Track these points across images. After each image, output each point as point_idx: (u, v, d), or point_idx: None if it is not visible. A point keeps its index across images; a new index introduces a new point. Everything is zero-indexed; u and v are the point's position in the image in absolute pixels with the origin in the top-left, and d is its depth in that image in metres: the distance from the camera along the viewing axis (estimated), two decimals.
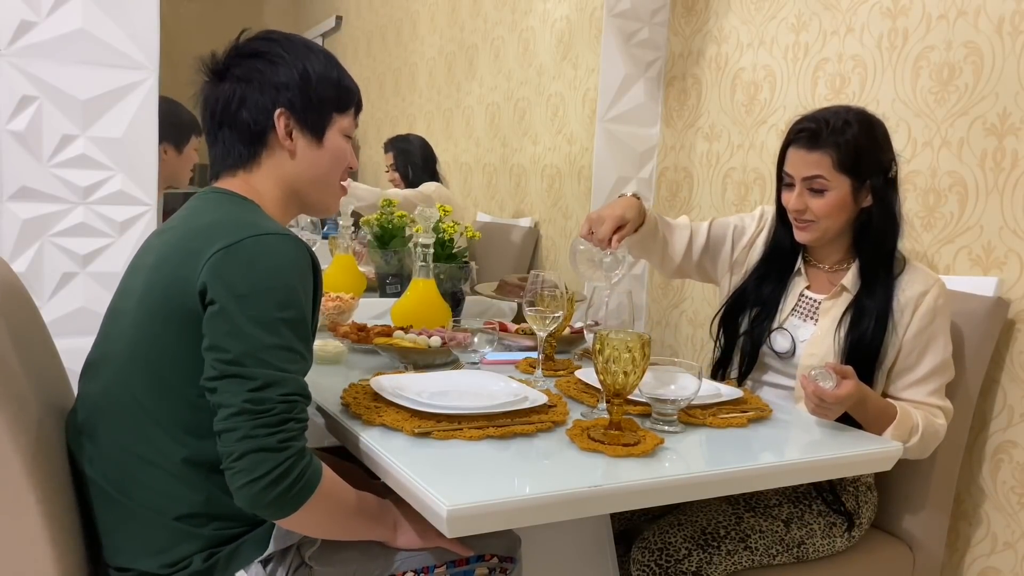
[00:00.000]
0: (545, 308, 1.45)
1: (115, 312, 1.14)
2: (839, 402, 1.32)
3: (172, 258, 1.07)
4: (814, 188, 1.48)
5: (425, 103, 4.47)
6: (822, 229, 1.50)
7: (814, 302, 1.57)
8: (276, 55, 1.17)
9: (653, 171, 2.74)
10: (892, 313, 1.47)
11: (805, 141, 1.47)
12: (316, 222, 2.69)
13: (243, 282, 1.01)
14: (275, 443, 0.97)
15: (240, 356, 0.98)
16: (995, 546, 1.70)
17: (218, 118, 1.18)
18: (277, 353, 1.00)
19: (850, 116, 1.47)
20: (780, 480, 1.23)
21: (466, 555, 1.19)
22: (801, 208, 1.50)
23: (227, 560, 1.08)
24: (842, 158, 1.44)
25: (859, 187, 1.47)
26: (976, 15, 1.74)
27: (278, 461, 0.97)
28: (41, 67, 1.54)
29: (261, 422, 0.97)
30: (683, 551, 1.38)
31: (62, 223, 1.59)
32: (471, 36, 3.94)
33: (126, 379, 1.08)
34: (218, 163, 1.21)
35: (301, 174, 1.20)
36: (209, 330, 1.01)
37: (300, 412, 1.01)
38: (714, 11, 2.49)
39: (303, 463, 0.99)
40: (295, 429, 0.99)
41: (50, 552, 1.01)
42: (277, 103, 1.16)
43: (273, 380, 0.99)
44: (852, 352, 1.47)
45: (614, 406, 1.18)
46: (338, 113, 1.22)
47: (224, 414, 0.98)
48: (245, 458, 0.96)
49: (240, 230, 1.04)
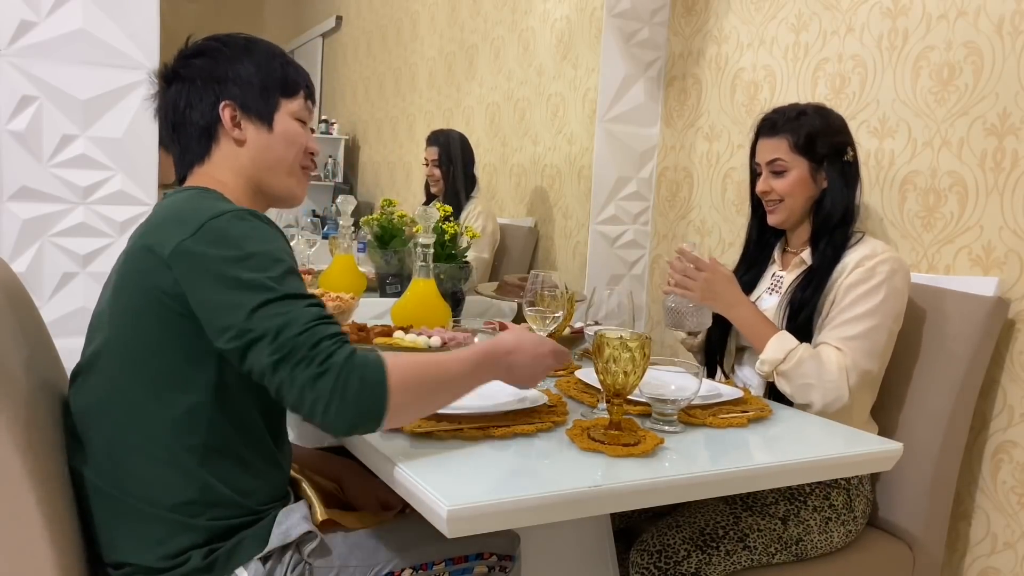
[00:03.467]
0: (545, 308, 1.45)
1: (95, 316, 1.16)
2: (707, 270, 1.53)
3: (137, 254, 1.08)
4: (775, 170, 1.63)
5: (425, 103, 4.47)
6: (788, 209, 1.64)
7: (781, 278, 1.69)
8: (216, 51, 1.20)
9: (653, 171, 2.74)
10: (832, 274, 1.55)
11: (767, 130, 1.65)
12: (316, 222, 2.69)
13: (214, 260, 1.02)
14: (317, 370, 0.97)
15: (242, 326, 0.99)
16: (995, 546, 1.70)
17: (170, 121, 1.21)
18: (272, 305, 1.00)
19: (807, 107, 1.64)
20: (780, 480, 1.23)
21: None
22: (767, 190, 1.65)
23: (226, 557, 1.08)
24: (797, 140, 1.60)
25: (816, 168, 1.61)
26: (976, 15, 1.74)
27: (332, 382, 0.97)
28: (41, 67, 1.54)
29: (294, 363, 0.97)
30: (682, 553, 1.38)
31: (62, 223, 1.59)
32: (471, 36, 3.94)
33: (112, 373, 1.09)
34: (179, 165, 1.24)
35: (256, 160, 1.21)
36: (205, 319, 1.02)
37: (326, 333, 1.00)
38: (714, 11, 2.49)
39: (356, 367, 0.99)
40: (329, 347, 0.99)
41: (50, 553, 1.01)
42: (221, 96, 1.18)
43: (281, 325, 0.99)
44: (792, 312, 1.57)
45: (614, 406, 1.18)
46: (285, 97, 1.22)
47: (267, 380, 0.99)
48: (306, 399, 0.97)
49: (198, 216, 1.05)
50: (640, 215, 2.75)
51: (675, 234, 2.67)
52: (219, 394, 1.07)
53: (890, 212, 1.91)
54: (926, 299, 1.67)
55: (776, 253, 1.74)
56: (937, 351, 1.63)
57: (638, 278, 2.77)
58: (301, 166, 1.26)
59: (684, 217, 2.63)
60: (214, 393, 1.07)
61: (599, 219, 2.68)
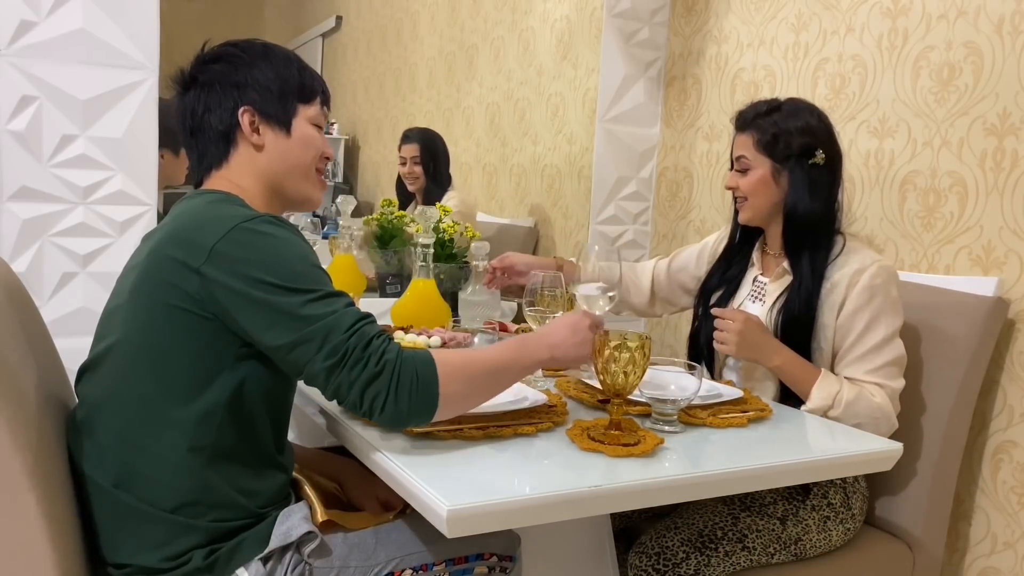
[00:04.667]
0: (545, 308, 1.45)
1: (108, 314, 1.16)
2: (739, 321, 1.46)
3: (161, 257, 1.08)
4: (740, 168, 1.60)
5: (425, 103, 4.47)
6: (752, 208, 1.60)
7: (763, 285, 1.65)
8: (234, 57, 1.21)
9: (653, 171, 2.74)
10: (822, 292, 1.52)
11: (739, 124, 1.61)
12: (316, 222, 2.69)
13: (249, 266, 1.03)
14: (375, 369, 1.02)
15: (287, 325, 1.03)
16: (995, 546, 1.70)
17: (189, 126, 1.22)
18: (313, 305, 1.04)
19: (784, 103, 1.57)
20: (780, 480, 1.23)
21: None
22: (733, 186, 1.62)
23: (227, 557, 1.08)
24: (761, 138, 1.56)
25: (779, 169, 1.56)
26: (976, 15, 1.74)
27: (388, 379, 1.03)
28: (41, 67, 1.54)
29: (350, 364, 1.02)
30: (680, 555, 1.38)
31: (62, 223, 1.59)
32: (471, 36, 3.94)
33: (125, 370, 1.09)
34: (197, 169, 1.25)
35: (274, 165, 1.22)
36: (248, 322, 1.04)
37: (372, 332, 1.05)
38: (714, 11, 2.49)
39: (408, 363, 1.04)
40: (380, 346, 1.04)
41: (50, 553, 1.01)
42: (240, 102, 1.19)
43: (329, 328, 1.03)
44: (785, 329, 1.54)
45: (614, 406, 1.18)
46: (302, 103, 1.24)
47: (321, 383, 1.04)
48: (366, 399, 1.03)
49: (226, 222, 1.06)
50: (640, 215, 2.75)
51: (675, 234, 2.68)
52: (234, 398, 1.08)
53: (890, 212, 1.91)
54: (926, 299, 1.67)
55: (756, 254, 1.69)
56: (937, 351, 1.62)
57: None
58: (316, 169, 1.27)
59: (684, 217, 2.63)
60: (229, 397, 1.08)
61: (599, 219, 2.68)
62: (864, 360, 1.49)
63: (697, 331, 1.73)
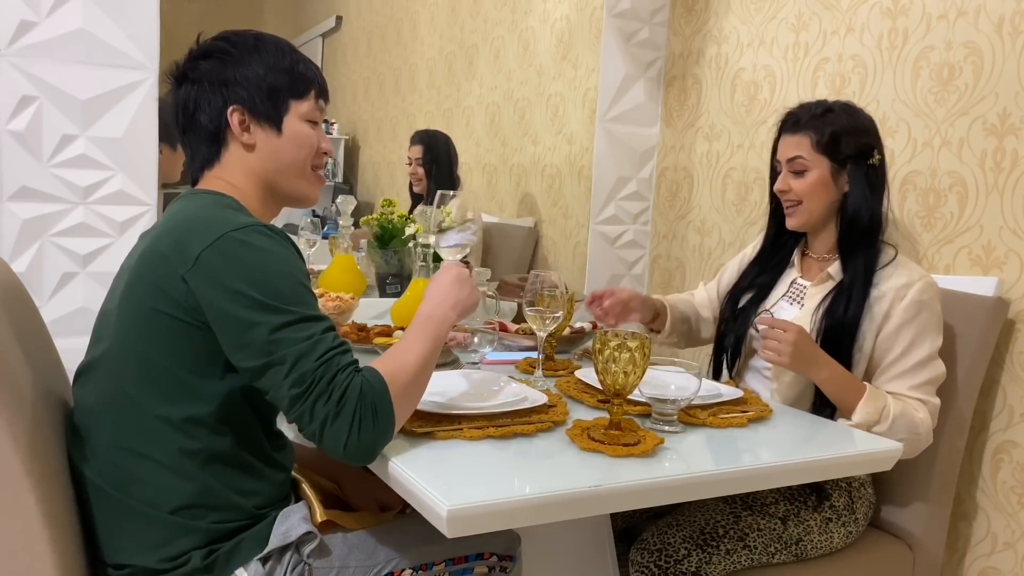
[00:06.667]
0: (545, 308, 1.45)
1: (103, 315, 1.16)
2: (792, 332, 1.41)
3: (151, 260, 1.07)
4: (795, 169, 1.56)
5: (425, 103, 4.47)
6: (807, 212, 1.57)
7: (803, 288, 1.63)
8: (224, 52, 1.18)
9: (653, 171, 2.74)
10: (869, 300, 1.50)
11: (790, 126, 1.58)
12: (316, 222, 2.69)
13: (232, 278, 1.02)
14: (336, 408, 1.00)
15: (260, 347, 1.00)
16: (995, 546, 1.70)
17: (181, 123, 1.21)
18: (288, 329, 1.01)
19: (834, 104, 1.56)
20: (780, 480, 1.23)
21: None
22: (785, 189, 1.58)
23: (226, 558, 1.08)
24: (820, 139, 1.53)
25: (838, 170, 1.54)
26: (976, 15, 1.74)
27: (349, 417, 1.00)
28: (41, 67, 1.54)
29: (313, 399, 1.00)
30: (682, 551, 1.38)
31: (62, 223, 1.59)
32: (471, 36, 3.94)
33: (117, 375, 1.09)
34: (191, 167, 1.23)
35: (266, 165, 1.20)
36: (222, 336, 1.03)
37: (341, 364, 1.03)
38: (714, 11, 2.49)
39: (368, 397, 1.02)
40: (344, 381, 1.01)
41: (49, 553, 1.01)
42: (229, 100, 1.17)
43: (300, 353, 1.00)
44: (828, 334, 1.51)
45: (614, 406, 1.18)
46: (295, 99, 1.21)
47: (285, 408, 1.02)
48: (327, 435, 1.00)
49: (216, 228, 1.05)
50: (640, 215, 2.75)
51: (675, 234, 2.68)
52: (223, 404, 1.08)
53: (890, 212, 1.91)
54: None
55: (795, 256, 1.67)
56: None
57: (638, 278, 2.77)
58: (313, 166, 1.25)
59: (684, 217, 2.63)
60: (218, 403, 1.07)
61: (599, 219, 2.68)
62: (909, 375, 1.47)
63: (724, 333, 1.72)
